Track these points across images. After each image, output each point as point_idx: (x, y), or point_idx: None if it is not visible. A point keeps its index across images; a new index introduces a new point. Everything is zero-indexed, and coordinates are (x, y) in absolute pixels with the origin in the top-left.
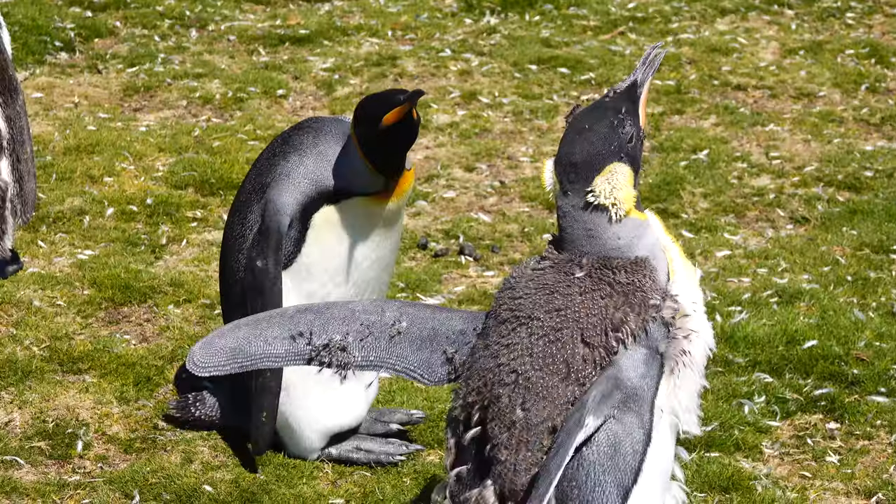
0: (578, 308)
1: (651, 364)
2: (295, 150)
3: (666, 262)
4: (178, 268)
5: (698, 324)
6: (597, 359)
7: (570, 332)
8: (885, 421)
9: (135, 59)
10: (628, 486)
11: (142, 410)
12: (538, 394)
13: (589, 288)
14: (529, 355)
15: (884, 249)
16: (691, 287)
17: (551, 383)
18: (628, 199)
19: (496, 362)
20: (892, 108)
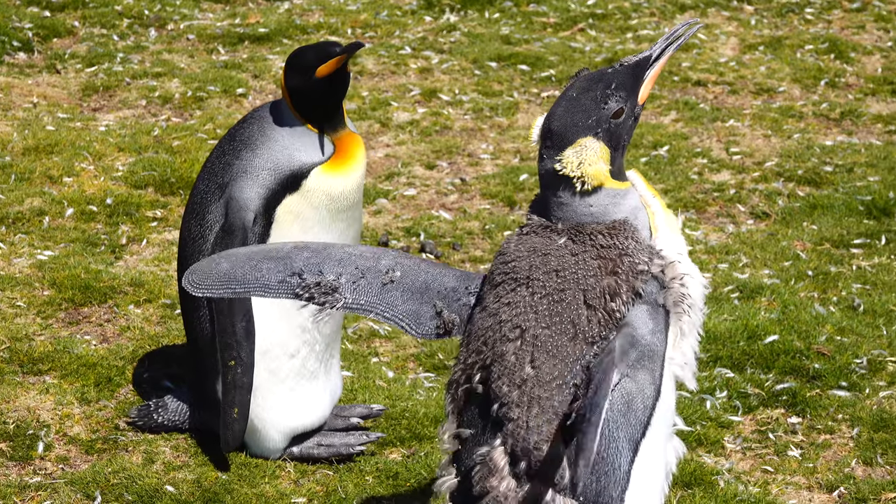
0: (575, 269)
1: (657, 318)
2: (245, 145)
3: (647, 219)
4: (138, 268)
5: (688, 267)
6: (601, 319)
7: (572, 292)
8: (847, 415)
9: (94, 59)
10: (638, 440)
11: (103, 411)
12: (548, 352)
13: (579, 250)
14: (534, 312)
15: (844, 244)
16: (674, 237)
17: (560, 342)
18: (597, 175)
19: (496, 320)
20: (851, 102)
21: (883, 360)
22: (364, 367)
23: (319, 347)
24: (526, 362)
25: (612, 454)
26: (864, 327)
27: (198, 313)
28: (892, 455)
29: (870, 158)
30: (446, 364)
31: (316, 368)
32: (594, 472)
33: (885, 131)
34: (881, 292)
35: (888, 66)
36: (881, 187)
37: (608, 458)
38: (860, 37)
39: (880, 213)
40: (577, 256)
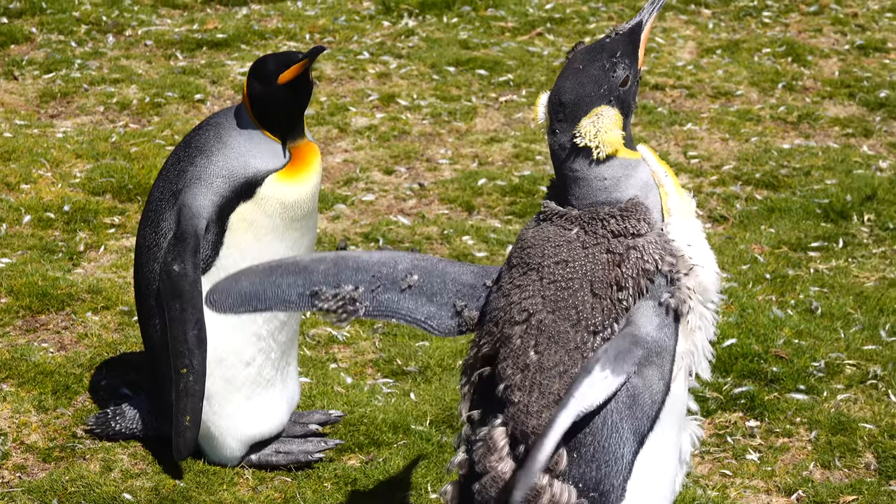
0: (584, 262)
1: (663, 314)
2: (200, 151)
3: (659, 199)
4: (96, 275)
5: (700, 256)
6: (605, 308)
7: (579, 282)
8: (805, 418)
9: (51, 65)
10: (645, 433)
11: (60, 419)
12: (550, 337)
13: (590, 243)
14: (542, 297)
15: (801, 247)
16: (688, 221)
17: (563, 328)
18: (613, 142)
19: (507, 301)
20: (808, 106)
21: (841, 363)
22: (322, 373)
23: (275, 355)
24: (530, 347)
25: (613, 444)
26: (821, 330)
27: (154, 321)
28: (849, 458)
29: (827, 161)
30: (404, 369)
31: (272, 376)
32: (594, 460)
33: (843, 134)
34: (839, 295)
35: (845, 70)
36: (838, 190)
37: (609, 447)
38: (817, 40)
39: (837, 216)
40: (587, 249)
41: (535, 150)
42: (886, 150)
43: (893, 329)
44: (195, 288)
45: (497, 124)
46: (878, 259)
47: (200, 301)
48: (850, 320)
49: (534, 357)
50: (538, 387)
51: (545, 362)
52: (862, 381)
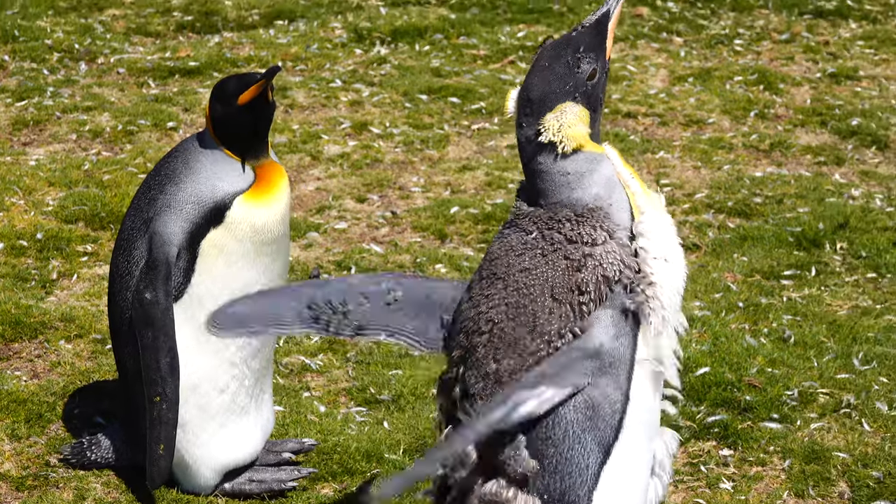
0: (545, 269)
1: (622, 323)
2: (169, 179)
3: (626, 199)
4: (69, 303)
5: (661, 267)
6: (564, 315)
7: (540, 288)
8: (778, 447)
9: (24, 93)
10: (609, 443)
11: (33, 447)
12: (509, 345)
13: (549, 250)
14: (506, 305)
15: (774, 275)
16: (656, 222)
17: (520, 335)
18: (577, 137)
19: (476, 311)
20: (780, 134)
21: (814, 392)
22: (296, 401)
23: (249, 382)
24: (491, 355)
25: (576, 455)
26: (794, 359)
27: (127, 349)
28: (823, 487)
29: (799, 189)
30: (378, 398)
31: (246, 403)
32: (557, 471)
33: (815, 162)
34: (812, 323)
35: (817, 97)
36: (811, 218)
37: (572, 458)
38: (789, 68)
39: (810, 244)
40: (546, 256)
41: (508, 178)
42: (858, 178)
43: (867, 358)
44: (167, 315)
45: (469, 152)
46: (851, 287)
47: (173, 329)
48: (823, 349)
49: (493, 366)
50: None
51: (503, 370)
52: (835, 410)
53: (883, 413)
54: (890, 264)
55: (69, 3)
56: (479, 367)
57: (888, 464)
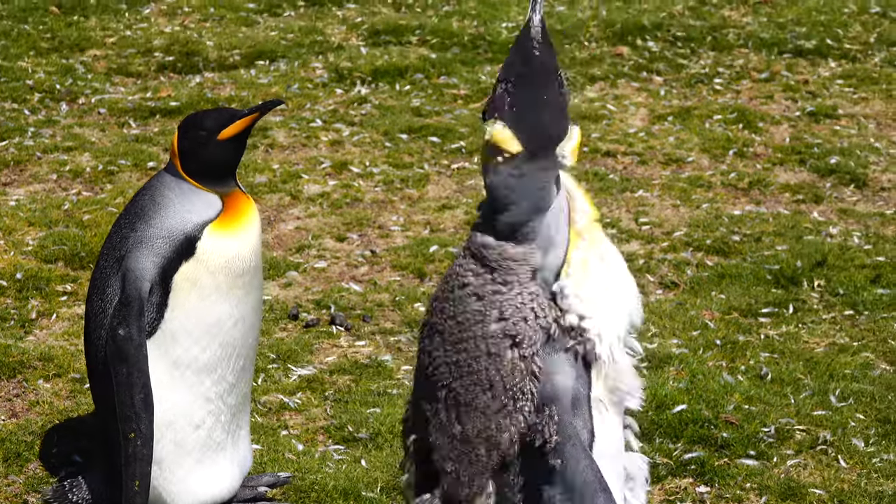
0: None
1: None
2: (139, 217)
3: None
4: (47, 342)
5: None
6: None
7: (474, 342)
8: (755, 484)
9: (4, 133)
10: None
11: (11, 486)
12: (468, 405)
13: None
14: (447, 364)
15: (752, 313)
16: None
17: (477, 394)
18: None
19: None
20: (759, 172)
21: (791, 429)
22: (273, 439)
23: (225, 418)
24: (454, 418)
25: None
26: (771, 396)
27: (103, 386)
28: None
29: (778, 228)
30: (356, 436)
31: (223, 439)
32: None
33: (793, 200)
34: (789, 361)
35: (796, 136)
36: (789, 256)
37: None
38: (768, 107)
39: (788, 281)
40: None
41: None
42: (837, 216)
43: (843, 394)
44: (140, 352)
45: (449, 191)
46: (828, 325)
47: (146, 364)
48: (799, 386)
49: (458, 428)
50: (467, 456)
51: (469, 432)
52: (812, 447)
53: (859, 449)
54: (867, 301)
55: (50, 43)
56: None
57: (864, 500)
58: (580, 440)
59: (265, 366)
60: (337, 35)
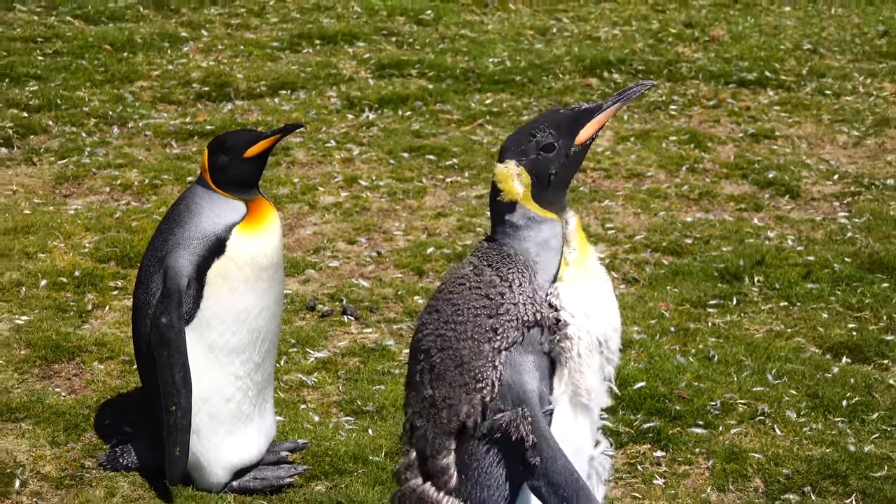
0: (468, 304)
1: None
2: (176, 223)
3: (556, 263)
4: (101, 330)
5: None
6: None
7: (462, 326)
8: (703, 449)
9: (65, 153)
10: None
11: (71, 452)
12: (440, 375)
13: (475, 285)
14: (436, 336)
15: (701, 304)
16: (576, 291)
17: (449, 367)
18: (510, 191)
19: (416, 338)
20: (708, 185)
21: (734, 403)
22: (294, 412)
23: (252, 393)
24: (427, 382)
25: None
26: (717, 375)
27: (148, 367)
28: (741, 483)
29: (723, 232)
30: (364, 409)
31: (251, 412)
32: (479, 483)
33: (737, 209)
34: (732, 345)
35: (739, 154)
36: (733, 256)
37: (492, 474)
38: (716, 129)
39: (732, 277)
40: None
41: (477, 223)
42: (774, 222)
43: (779, 373)
44: (180, 337)
45: (444, 201)
46: (766, 314)
47: (185, 348)
48: (741, 366)
49: (430, 391)
50: (434, 418)
51: (437, 397)
52: (752, 418)
53: (792, 420)
54: (799, 295)
55: (104, 76)
56: (418, 389)
57: (796, 463)
58: (554, 440)
59: (286, 349)
60: (348, 69)
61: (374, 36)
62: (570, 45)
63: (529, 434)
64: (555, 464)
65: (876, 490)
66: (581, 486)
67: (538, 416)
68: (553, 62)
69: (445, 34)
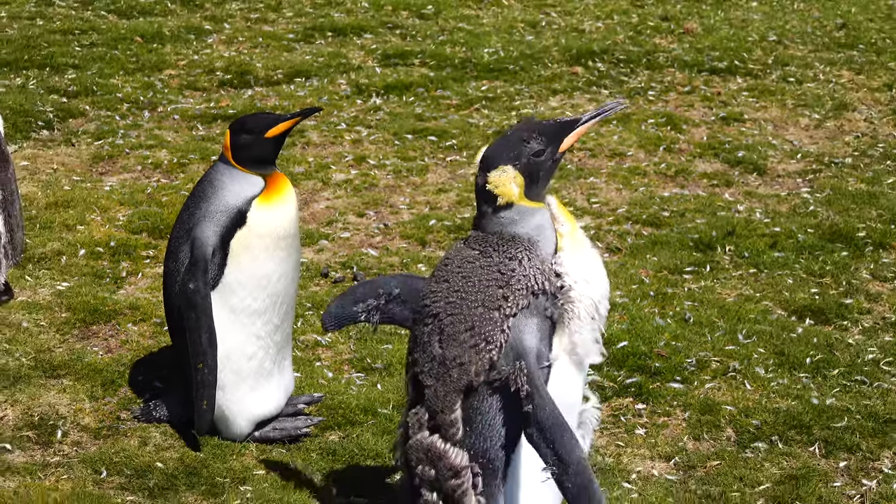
0: (480, 277)
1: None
2: (202, 198)
3: (553, 237)
4: (135, 295)
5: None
6: (493, 319)
7: (474, 294)
8: (680, 402)
9: (100, 135)
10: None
11: (107, 405)
12: (450, 336)
13: (486, 264)
14: (446, 302)
15: (678, 271)
16: (578, 255)
17: (459, 329)
18: (508, 194)
19: (425, 304)
20: (683, 163)
21: (708, 360)
22: (310, 369)
23: (272, 352)
24: (436, 342)
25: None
26: (693, 335)
27: (177, 329)
28: (715, 432)
29: (697, 206)
30: (373, 366)
31: (271, 369)
32: (481, 435)
33: (709, 185)
34: (706, 308)
35: (711, 135)
36: (706, 228)
37: (493, 425)
38: (690, 113)
39: (705, 247)
40: (483, 269)
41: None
42: (743, 197)
43: (748, 333)
44: (206, 301)
45: (444, 178)
46: (737, 280)
47: (211, 311)
48: (714, 327)
49: (439, 351)
50: (443, 377)
51: (447, 356)
52: (724, 374)
53: (761, 376)
54: (767, 262)
55: (135, 65)
56: (427, 350)
57: (765, 414)
58: (546, 390)
59: (303, 312)
60: (357, 58)
61: (380, 29)
62: (558, 36)
63: (525, 385)
64: (544, 411)
65: (837, 439)
66: (565, 429)
67: (533, 370)
68: (542, 52)
69: (445, 27)
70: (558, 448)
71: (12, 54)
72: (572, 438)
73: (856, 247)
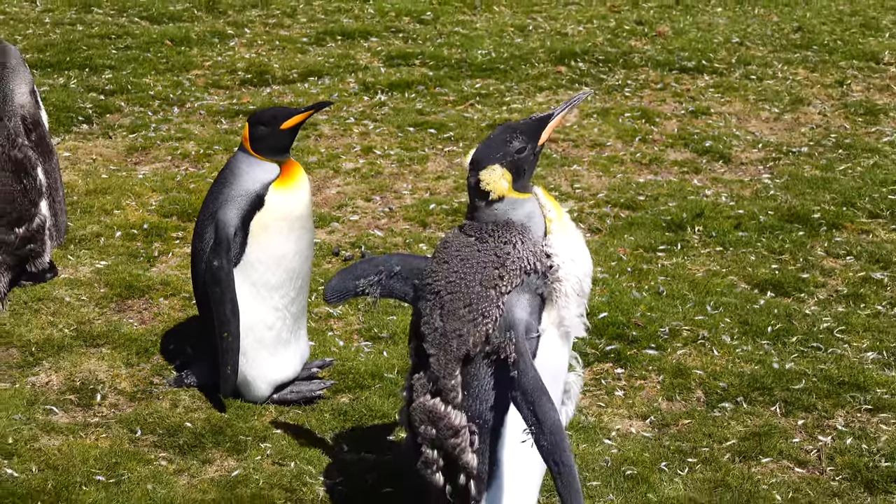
0: (477, 259)
1: (533, 303)
2: (224, 185)
3: (542, 222)
4: (166, 272)
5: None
6: (489, 296)
7: (472, 274)
8: (655, 367)
9: (135, 128)
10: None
11: (142, 372)
12: (450, 311)
13: (482, 248)
14: (446, 281)
15: (652, 249)
16: (565, 237)
17: (458, 306)
18: (499, 189)
19: (426, 282)
20: (656, 153)
21: (679, 329)
22: (323, 339)
23: (289, 322)
24: (437, 316)
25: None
26: (666, 307)
27: (206, 304)
28: (686, 394)
29: (669, 191)
30: (380, 336)
31: (288, 337)
32: (477, 398)
33: (680, 172)
34: (678, 282)
35: (682, 128)
36: (678, 210)
37: (488, 390)
38: (662, 107)
39: (677, 227)
40: (480, 253)
41: None
42: (710, 182)
43: (716, 305)
44: (229, 277)
45: (443, 167)
46: (705, 257)
47: (233, 286)
48: (685, 299)
49: (440, 324)
50: (444, 346)
51: (448, 328)
52: (694, 341)
53: (727, 343)
54: (731, 241)
55: (166, 66)
56: (429, 322)
57: (731, 377)
58: (530, 358)
59: (316, 287)
60: (364, 59)
61: (384, 33)
62: (544, 39)
63: (512, 353)
64: (526, 376)
65: (795, 399)
66: (544, 394)
67: (521, 340)
68: (530, 53)
69: (442, 31)
70: (537, 410)
71: (55, 57)
72: (549, 402)
73: (811, 227)
